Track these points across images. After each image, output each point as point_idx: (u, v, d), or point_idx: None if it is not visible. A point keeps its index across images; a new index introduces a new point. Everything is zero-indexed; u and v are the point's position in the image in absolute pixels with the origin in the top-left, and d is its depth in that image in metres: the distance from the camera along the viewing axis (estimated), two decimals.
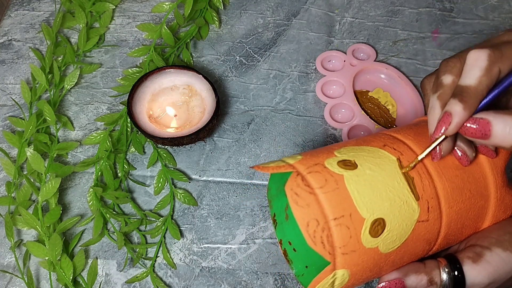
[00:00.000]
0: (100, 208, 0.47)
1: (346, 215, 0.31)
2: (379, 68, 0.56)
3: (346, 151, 0.35)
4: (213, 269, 0.45)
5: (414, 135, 0.36)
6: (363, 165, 0.33)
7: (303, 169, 0.33)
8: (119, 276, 0.45)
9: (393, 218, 0.32)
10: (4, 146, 0.52)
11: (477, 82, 0.29)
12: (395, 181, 0.33)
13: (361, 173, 0.33)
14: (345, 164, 0.33)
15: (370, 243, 0.32)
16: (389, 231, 0.32)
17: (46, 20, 0.61)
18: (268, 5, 0.62)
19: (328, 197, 0.31)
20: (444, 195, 0.34)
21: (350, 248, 0.31)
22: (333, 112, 0.53)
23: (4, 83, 0.56)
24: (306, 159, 0.34)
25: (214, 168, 0.50)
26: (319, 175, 0.32)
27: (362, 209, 0.31)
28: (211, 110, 0.50)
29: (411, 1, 0.62)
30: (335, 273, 0.32)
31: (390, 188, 0.32)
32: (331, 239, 0.31)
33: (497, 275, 0.34)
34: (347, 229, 0.31)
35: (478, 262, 0.33)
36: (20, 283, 0.45)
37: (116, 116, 0.52)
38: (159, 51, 0.56)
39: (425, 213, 0.33)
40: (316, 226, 0.31)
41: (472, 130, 0.30)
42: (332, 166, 0.33)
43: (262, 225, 0.47)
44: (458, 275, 0.33)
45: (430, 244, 0.35)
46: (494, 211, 0.36)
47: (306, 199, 0.32)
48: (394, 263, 0.34)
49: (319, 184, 0.32)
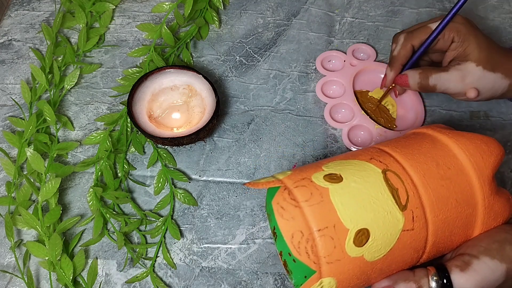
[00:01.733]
0: (100, 208, 0.47)
1: (330, 226, 0.32)
2: (379, 68, 0.56)
3: (333, 165, 0.36)
4: (213, 269, 0.45)
5: (401, 148, 0.38)
6: (348, 178, 0.35)
7: (290, 183, 0.35)
8: (119, 276, 0.45)
9: (377, 228, 0.33)
10: (4, 146, 0.52)
11: (397, 53, 0.49)
12: (379, 193, 0.34)
13: (346, 185, 0.34)
14: (331, 177, 0.35)
15: (354, 252, 0.33)
16: (373, 240, 0.33)
17: (46, 20, 0.61)
18: (268, 5, 0.62)
19: (313, 209, 0.33)
20: (429, 205, 0.35)
21: (335, 257, 0.32)
22: (333, 112, 0.53)
23: (4, 83, 0.56)
24: (294, 174, 0.36)
25: (214, 168, 0.50)
26: (305, 189, 0.34)
27: (346, 220, 0.33)
28: (211, 110, 0.50)
29: (411, 1, 0.62)
30: (322, 281, 0.33)
31: (374, 200, 0.34)
32: (316, 249, 0.32)
33: (485, 283, 0.34)
34: (331, 239, 0.32)
35: (465, 271, 0.34)
36: (20, 283, 0.45)
37: (116, 116, 0.52)
38: (159, 51, 0.56)
39: (410, 222, 0.34)
40: (300, 238, 0.33)
41: (399, 80, 0.49)
42: (318, 180, 0.35)
43: (262, 225, 0.47)
44: (447, 283, 0.34)
45: (419, 252, 0.36)
46: (483, 219, 0.37)
47: (291, 212, 0.34)
48: (382, 271, 0.35)
49: (304, 197, 0.33)
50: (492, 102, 0.54)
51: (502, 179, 0.50)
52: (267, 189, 0.41)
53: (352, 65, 0.56)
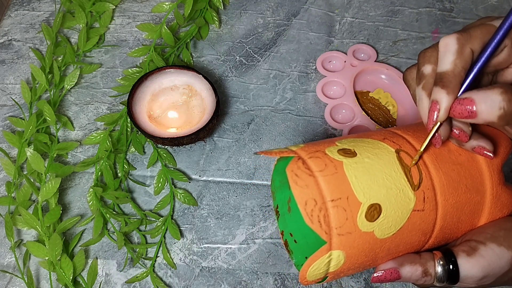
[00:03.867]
0: (100, 208, 0.47)
1: (343, 198, 0.32)
2: (379, 69, 0.56)
3: (347, 141, 0.36)
4: (213, 269, 0.45)
5: (413, 131, 0.37)
6: (362, 154, 0.34)
7: (304, 154, 0.35)
8: (119, 276, 0.45)
9: (389, 205, 0.33)
10: (4, 146, 0.52)
11: (452, 66, 0.31)
12: (392, 170, 0.34)
13: (359, 160, 0.34)
14: (345, 152, 0.35)
15: (366, 227, 0.33)
16: (385, 217, 0.33)
17: (46, 20, 0.61)
18: (268, 5, 0.62)
19: (327, 180, 0.33)
20: (440, 187, 0.35)
21: (346, 229, 0.32)
22: (333, 113, 0.53)
23: (4, 83, 0.56)
24: (308, 147, 0.36)
25: (214, 168, 0.50)
26: (319, 160, 0.34)
27: (359, 194, 0.33)
28: (211, 110, 0.50)
29: (411, 1, 0.62)
30: (331, 253, 0.33)
31: (387, 176, 0.34)
32: (328, 219, 0.32)
33: (491, 269, 0.34)
34: (344, 211, 0.32)
35: (472, 256, 0.34)
36: (20, 283, 0.45)
37: (116, 116, 0.52)
38: (159, 51, 0.56)
39: (421, 203, 0.34)
40: (314, 206, 0.33)
41: (459, 110, 0.30)
42: (332, 153, 0.34)
43: (262, 225, 0.47)
44: (453, 268, 0.34)
45: (426, 236, 0.36)
46: (490, 208, 0.37)
47: (305, 180, 0.34)
48: (389, 250, 0.35)
49: (319, 168, 0.33)
50: None
51: None
52: (275, 165, 0.41)
53: (352, 65, 0.56)
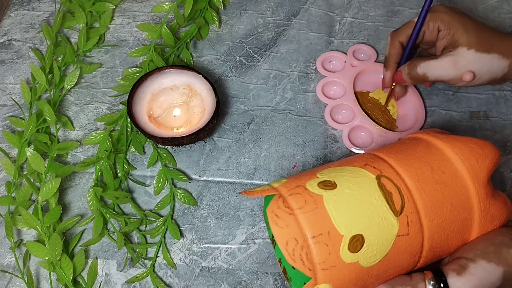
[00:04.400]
0: (100, 208, 0.47)
1: (324, 233, 0.33)
2: (379, 69, 0.56)
3: (327, 172, 0.37)
4: (213, 269, 0.45)
5: (396, 153, 0.38)
6: (342, 184, 0.35)
7: (285, 191, 0.35)
8: (119, 276, 0.45)
9: (372, 234, 0.33)
10: (4, 146, 0.52)
11: (388, 53, 0.50)
12: (373, 198, 0.34)
13: (339, 192, 0.34)
14: (325, 184, 0.35)
15: (349, 258, 0.33)
16: (368, 246, 0.33)
17: (46, 20, 0.61)
18: (268, 5, 0.62)
19: (307, 217, 0.33)
20: (424, 209, 0.35)
21: (330, 263, 0.33)
22: (333, 113, 0.53)
23: (4, 83, 0.56)
24: (289, 182, 0.36)
25: (214, 168, 0.50)
26: (299, 197, 0.34)
27: (340, 227, 0.33)
28: (211, 110, 0.50)
29: (411, 1, 0.62)
30: (318, 287, 0.33)
31: (368, 205, 0.34)
32: (310, 256, 0.33)
33: (481, 286, 0.34)
34: (326, 246, 0.33)
35: (462, 274, 0.34)
36: (20, 283, 0.45)
37: (116, 116, 0.52)
38: (159, 51, 0.56)
39: (405, 227, 0.34)
40: (295, 245, 0.33)
41: (397, 79, 0.50)
42: (312, 187, 0.35)
43: (262, 225, 0.47)
44: (444, 287, 0.34)
45: (415, 257, 0.36)
46: (480, 222, 0.37)
47: (285, 220, 0.34)
48: (378, 276, 0.35)
49: (299, 205, 0.34)
50: (492, 102, 0.54)
51: (501, 179, 0.50)
52: (264, 198, 0.41)
53: (352, 66, 0.56)
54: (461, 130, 0.52)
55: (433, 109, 0.54)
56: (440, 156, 0.37)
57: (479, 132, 0.52)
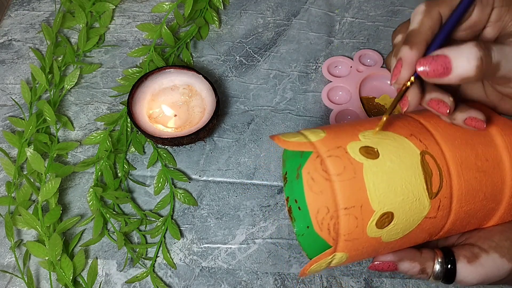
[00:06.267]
0: (100, 208, 0.47)
1: (357, 206, 0.31)
2: (386, 75, 0.55)
3: (370, 135, 0.34)
4: (213, 269, 0.45)
5: (444, 127, 0.35)
6: (385, 155, 0.33)
7: (324, 150, 0.32)
8: (119, 276, 0.45)
9: (402, 213, 0.32)
10: (4, 146, 0.52)
11: (419, 24, 0.31)
12: (413, 177, 0.32)
13: (381, 163, 0.32)
14: (367, 151, 0.33)
15: (374, 233, 0.32)
16: (395, 224, 0.32)
17: (46, 20, 0.61)
18: (268, 5, 0.62)
19: (343, 185, 0.31)
20: (458, 196, 0.33)
21: (354, 236, 0.31)
22: (339, 119, 0.53)
23: (4, 83, 0.56)
24: (329, 139, 0.33)
25: (214, 168, 0.50)
26: (339, 161, 0.32)
27: (374, 202, 0.31)
28: (211, 110, 0.50)
29: (411, 1, 0.62)
30: (335, 255, 0.32)
31: (407, 184, 0.32)
32: (338, 227, 0.31)
33: (487, 278, 0.34)
34: (355, 219, 0.31)
35: (472, 263, 0.34)
36: (20, 283, 0.45)
37: (116, 116, 0.52)
38: (159, 51, 0.56)
39: (435, 210, 0.33)
40: (325, 214, 0.32)
41: (434, 67, 0.29)
42: (353, 152, 0.32)
43: (262, 225, 0.47)
44: (451, 270, 0.34)
45: (431, 236, 0.35)
46: (502, 214, 0.36)
47: (321, 186, 0.32)
48: (392, 249, 0.35)
49: (337, 170, 0.31)
50: None
51: None
52: None
53: (358, 71, 0.56)
54: None
55: None
56: (488, 140, 0.35)
57: None
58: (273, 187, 0.49)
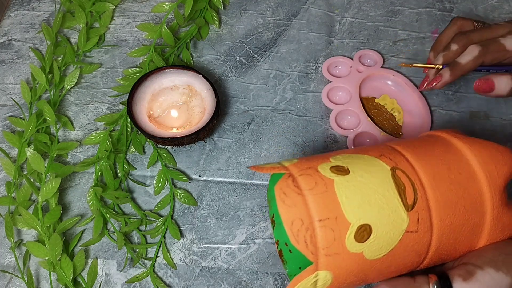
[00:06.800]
0: (100, 208, 0.47)
1: (331, 218, 0.32)
2: (386, 75, 0.55)
3: (341, 157, 0.35)
4: (213, 269, 0.45)
5: (413, 148, 0.37)
6: (355, 171, 0.34)
7: (295, 171, 0.34)
8: (119, 276, 0.45)
9: (380, 226, 0.32)
10: (4, 146, 0.52)
11: (465, 64, 0.48)
12: (385, 190, 0.33)
13: (352, 178, 0.33)
14: (338, 169, 0.34)
15: (354, 248, 0.32)
16: (375, 238, 0.32)
17: (46, 20, 0.61)
18: (268, 5, 0.62)
19: (316, 199, 0.32)
20: (436, 208, 0.34)
21: (334, 250, 0.32)
22: (338, 119, 0.53)
23: (4, 83, 0.56)
24: (301, 163, 0.35)
25: (214, 168, 0.50)
26: (310, 178, 0.33)
27: (349, 214, 0.32)
28: (211, 110, 0.50)
29: (411, 1, 0.62)
30: (317, 273, 0.32)
31: (380, 196, 0.33)
32: (315, 239, 0.31)
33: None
34: (332, 231, 0.31)
35: (468, 281, 0.34)
36: (20, 283, 0.45)
37: (116, 116, 0.52)
38: (159, 51, 0.56)
39: (415, 223, 0.33)
40: (300, 226, 0.32)
41: (483, 86, 0.47)
42: (324, 171, 0.34)
43: (262, 225, 0.47)
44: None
45: (420, 256, 0.35)
46: (490, 230, 0.36)
47: (293, 199, 0.33)
48: (380, 271, 0.34)
49: (308, 186, 0.33)
50: (492, 102, 0.54)
51: None
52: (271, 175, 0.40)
53: (358, 71, 0.56)
54: (461, 130, 0.52)
55: (433, 109, 0.54)
56: (459, 156, 0.36)
57: (479, 133, 0.52)
58: None
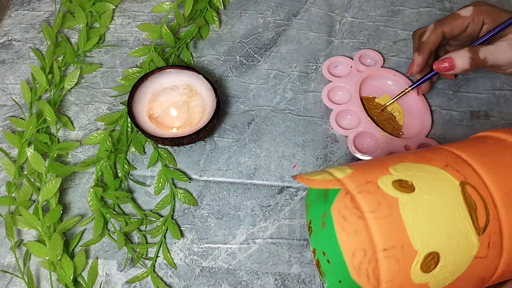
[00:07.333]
0: (100, 208, 0.47)
1: (397, 247, 0.28)
2: (386, 75, 0.55)
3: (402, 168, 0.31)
4: (214, 269, 0.45)
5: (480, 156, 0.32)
6: (421, 188, 0.30)
7: (353, 187, 0.30)
8: (119, 276, 0.45)
9: (449, 253, 0.29)
10: (4, 146, 0.52)
11: (426, 38, 0.50)
12: (455, 211, 0.29)
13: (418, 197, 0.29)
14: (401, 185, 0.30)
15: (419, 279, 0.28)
16: (442, 267, 0.29)
17: (46, 20, 0.61)
18: (268, 5, 0.62)
19: (380, 224, 0.28)
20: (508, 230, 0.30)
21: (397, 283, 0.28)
22: (339, 119, 0.53)
23: (4, 83, 0.56)
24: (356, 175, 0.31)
25: (214, 168, 0.50)
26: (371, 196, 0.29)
27: (416, 241, 0.28)
28: (211, 110, 0.50)
29: (411, 1, 0.62)
30: None
31: (450, 219, 0.29)
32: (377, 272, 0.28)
33: None
34: (397, 262, 0.28)
35: None
36: (20, 283, 0.45)
37: (116, 116, 0.52)
38: (159, 51, 0.56)
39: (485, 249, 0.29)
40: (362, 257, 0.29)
41: (443, 64, 0.47)
42: (386, 187, 0.29)
43: (262, 225, 0.47)
44: None
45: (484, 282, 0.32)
46: None
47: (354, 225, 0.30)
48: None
49: (371, 207, 0.28)
50: (492, 102, 0.54)
51: None
52: None
53: (359, 71, 0.56)
54: (461, 130, 0.53)
55: (433, 109, 0.54)
56: None
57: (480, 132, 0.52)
58: (273, 187, 0.49)
